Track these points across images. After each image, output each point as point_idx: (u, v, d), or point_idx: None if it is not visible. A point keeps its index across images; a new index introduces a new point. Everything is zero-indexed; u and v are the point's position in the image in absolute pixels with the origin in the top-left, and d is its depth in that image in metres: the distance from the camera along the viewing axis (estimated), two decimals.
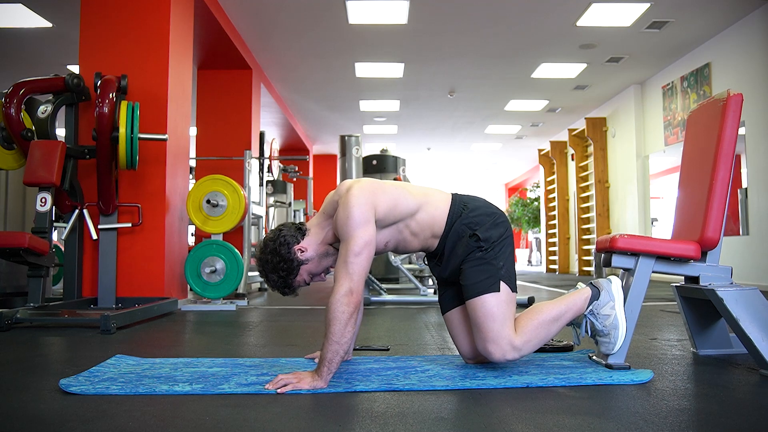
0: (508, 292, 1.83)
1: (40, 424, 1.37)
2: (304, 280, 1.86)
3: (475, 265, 1.84)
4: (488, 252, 1.84)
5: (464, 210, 1.90)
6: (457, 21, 6.20)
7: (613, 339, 1.87)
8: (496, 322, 1.78)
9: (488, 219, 1.88)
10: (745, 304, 1.88)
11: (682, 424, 1.32)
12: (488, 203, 1.97)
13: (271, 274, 1.82)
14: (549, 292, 5.89)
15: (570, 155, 11.11)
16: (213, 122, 7.02)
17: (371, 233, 1.74)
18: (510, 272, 1.86)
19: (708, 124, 2.07)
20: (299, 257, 1.82)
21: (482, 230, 1.85)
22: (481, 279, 1.82)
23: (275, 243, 1.82)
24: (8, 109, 3.76)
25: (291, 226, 1.88)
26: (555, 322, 1.85)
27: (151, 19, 4.26)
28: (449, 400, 1.55)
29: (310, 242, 1.86)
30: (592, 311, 1.89)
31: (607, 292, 1.89)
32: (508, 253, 1.88)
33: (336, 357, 1.63)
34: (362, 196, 1.77)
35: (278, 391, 1.59)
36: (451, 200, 1.93)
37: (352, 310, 1.64)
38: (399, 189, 1.90)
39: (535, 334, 1.82)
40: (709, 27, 6.43)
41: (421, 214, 1.88)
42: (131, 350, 2.32)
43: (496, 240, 1.85)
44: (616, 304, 1.88)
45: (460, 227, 1.87)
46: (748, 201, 6.12)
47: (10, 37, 6.54)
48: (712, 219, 1.95)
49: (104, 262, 3.90)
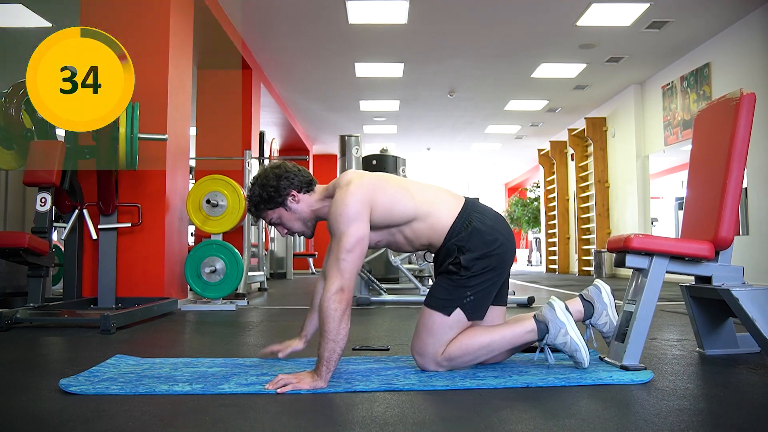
0: (458, 320, 1.81)
1: (40, 424, 1.37)
2: (271, 218, 1.87)
3: (445, 284, 1.84)
4: (462, 279, 1.81)
5: (465, 228, 1.84)
6: (457, 21, 6.20)
7: (579, 359, 1.85)
8: (430, 338, 1.82)
9: (482, 248, 1.82)
10: (760, 303, 1.88)
11: (682, 424, 1.32)
12: (495, 225, 1.88)
13: (257, 188, 1.84)
14: (549, 292, 5.89)
15: (570, 155, 11.11)
16: (213, 122, 7.01)
17: (364, 230, 1.72)
18: (476, 304, 1.83)
19: (719, 123, 2.06)
20: (287, 201, 1.84)
21: (467, 257, 1.81)
22: (442, 297, 1.83)
23: (284, 172, 1.84)
24: (8, 109, 3.76)
25: (307, 176, 1.89)
26: (483, 349, 1.83)
27: (150, 20, 4.26)
28: (449, 400, 1.55)
29: (306, 200, 1.87)
30: (547, 343, 1.86)
31: (553, 323, 1.85)
32: (486, 284, 1.83)
33: (333, 355, 1.63)
34: (359, 194, 1.75)
35: (278, 391, 1.59)
36: (459, 213, 1.87)
37: (344, 307, 1.63)
38: (401, 190, 1.86)
39: (461, 359, 1.82)
40: (709, 27, 6.44)
41: (419, 223, 1.85)
42: (131, 350, 2.32)
43: (478, 272, 1.81)
44: (568, 329, 1.84)
45: (452, 245, 1.84)
46: (748, 201, 6.13)
47: (10, 37, 6.54)
48: (725, 219, 1.94)
49: (104, 262, 3.90)
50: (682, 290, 2.24)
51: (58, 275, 5.14)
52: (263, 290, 6.19)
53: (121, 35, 3.66)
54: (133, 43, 3.91)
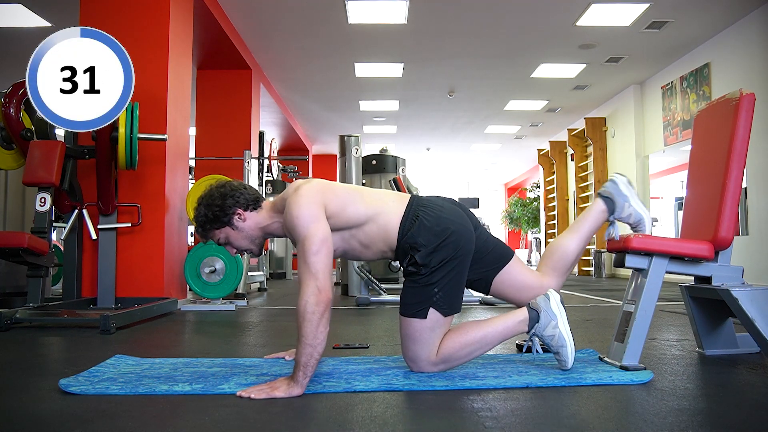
0: (435, 319, 1.79)
1: (40, 424, 1.37)
2: (219, 238, 1.85)
3: (410, 287, 1.82)
4: (424, 277, 1.79)
5: (413, 225, 1.82)
6: (457, 21, 6.20)
7: (563, 356, 1.83)
8: (416, 344, 1.80)
9: (434, 240, 1.79)
10: (759, 303, 1.88)
11: (682, 424, 1.32)
12: (442, 214, 1.85)
13: (203, 208, 1.83)
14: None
15: (569, 155, 11.11)
16: (213, 122, 7.02)
17: (325, 229, 1.70)
18: (447, 296, 1.80)
19: (719, 123, 2.06)
20: (234, 219, 1.82)
21: (422, 254, 1.78)
22: (412, 302, 1.80)
23: (229, 191, 1.83)
24: (8, 109, 3.76)
25: (253, 194, 1.87)
26: (477, 343, 1.82)
27: (150, 19, 4.27)
28: (449, 400, 1.55)
29: (253, 218, 1.85)
30: (535, 333, 1.85)
31: (546, 312, 1.84)
32: (450, 276, 1.81)
33: (311, 360, 1.58)
34: (310, 195, 1.73)
35: (252, 396, 1.55)
36: (405, 211, 1.85)
37: (322, 309, 1.58)
38: (351, 194, 1.84)
39: (456, 357, 1.82)
40: (708, 27, 6.44)
41: (371, 225, 1.83)
42: (131, 350, 2.32)
43: (436, 266, 1.79)
44: (558, 322, 1.83)
45: (404, 245, 1.82)
46: (748, 201, 6.13)
47: (10, 37, 6.54)
48: (725, 219, 1.94)
49: (104, 262, 3.90)
50: (682, 290, 2.24)
51: (57, 275, 5.14)
52: (263, 290, 6.19)
53: (121, 35, 3.66)
54: (133, 43, 3.92)
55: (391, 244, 1.86)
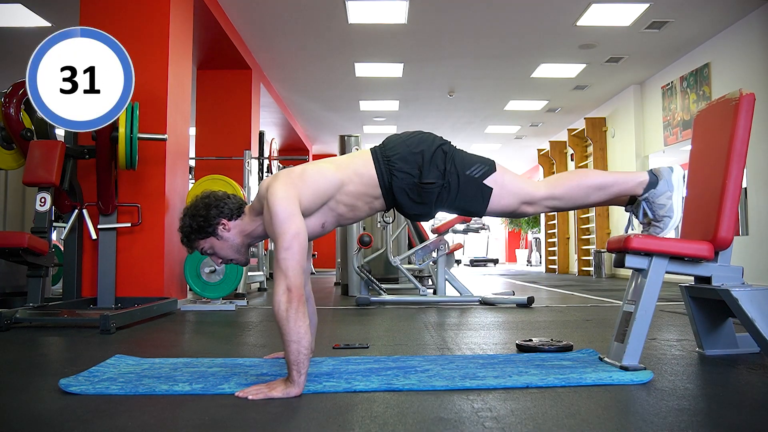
0: (496, 178, 1.83)
1: (40, 424, 1.37)
2: (204, 248, 1.85)
3: (464, 190, 1.82)
4: (452, 184, 1.80)
5: (390, 164, 1.81)
6: (457, 21, 6.20)
7: (663, 226, 1.89)
8: (513, 197, 1.84)
9: (418, 159, 1.80)
10: (759, 303, 1.88)
11: (682, 424, 1.33)
12: (405, 138, 1.87)
13: (187, 219, 1.83)
14: (548, 292, 5.89)
15: (569, 155, 11.11)
16: (213, 122, 7.02)
17: (298, 224, 1.70)
18: (480, 165, 1.83)
19: (719, 123, 2.06)
20: (218, 229, 1.82)
21: (425, 174, 1.79)
22: (473, 197, 1.82)
23: (213, 201, 1.83)
24: (8, 108, 3.76)
25: (237, 203, 1.87)
26: (596, 188, 1.87)
27: (150, 19, 4.26)
28: (449, 400, 1.55)
29: (237, 226, 1.85)
30: (648, 198, 1.89)
31: (666, 181, 1.88)
32: (461, 156, 1.84)
33: (300, 356, 1.58)
34: (282, 191, 1.73)
35: (250, 398, 1.56)
36: (372, 157, 1.85)
37: (295, 306, 1.60)
38: (319, 168, 1.84)
39: (571, 195, 1.86)
40: (708, 27, 6.44)
41: (349, 186, 1.82)
42: (131, 350, 2.32)
43: (446, 168, 1.80)
44: (674, 194, 1.87)
45: (400, 185, 1.81)
46: (748, 201, 6.13)
47: (9, 37, 6.54)
48: (725, 219, 1.94)
49: (104, 262, 3.90)
50: (682, 290, 2.24)
51: (57, 275, 5.14)
52: (263, 290, 6.19)
53: (121, 35, 3.66)
54: (133, 43, 3.92)
55: (375, 195, 1.85)
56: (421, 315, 3.70)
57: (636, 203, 1.94)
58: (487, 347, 2.44)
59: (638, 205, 1.94)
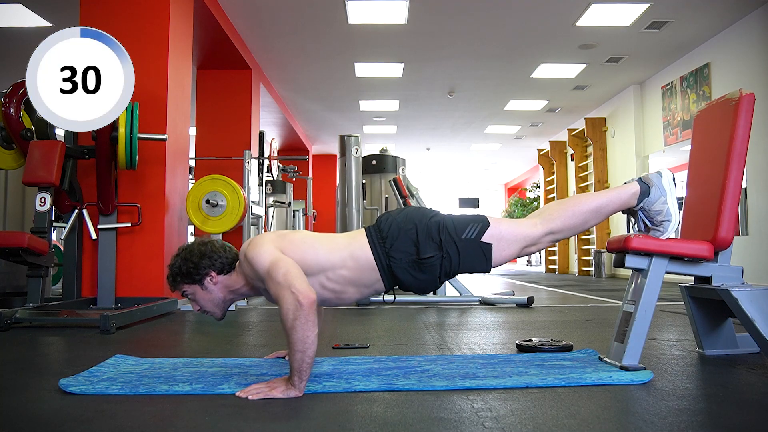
0: (493, 232, 1.81)
1: (40, 424, 1.37)
2: (186, 292, 1.83)
3: (465, 255, 1.79)
4: (451, 253, 1.77)
5: (385, 245, 1.78)
6: (457, 21, 6.20)
7: (663, 229, 1.90)
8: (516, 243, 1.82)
9: (412, 236, 1.77)
10: (759, 303, 1.88)
11: (682, 424, 1.32)
12: (395, 216, 1.83)
13: (179, 260, 1.81)
14: (548, 292, 5.89)
15: (569, 155, 11.11)
16: (212, 122, 7.02)
17: (287, 260, 1.67)
18: (473, 225, 1.80)
19: (719, 123, 2.06)
20: (205, 280, 1.80)
21: (422, 249, 1.76)
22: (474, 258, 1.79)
23: (208, 251, 1.81)
24: (8, 108, 3.76)
25: (231, 257, 1.84)
26: (592, 212, 1.87)
27: (150, 19, 4.27)
28: (449, 400, 1.55)
29: (224, 281, 1.82)
30: (644, 207, 1.91)
31: (657, 187, 1.90)
32: (453, 220, 1.81)
33: (303, 364, 1.57)
34: (265, 242, 1.72)
35: (250, 398, 1.55)
36: (368, 240, 1.80)
37: (304, 313, 1.56)
38: (312, 241, 1.79)
39: (569, 224, 1.85)
40: (708, 27, 6.44)
41: (341, 271, 1.77)
42: (131, 350, 2.32)
43: (442, 239, 1.77)
44: (668, 198, 1.89)
45: (400, 265, 1.77)
46: (748, 201, 6.13)
47: (9, 37, 6.55)
48: (725, 219, 1.94)
49: (103, 262, 3.90)
50: (682, 290, 2.24)
51: (57, 275, 5.14)
52: None
53: (121, 35, 3.66)
54: (133, 43, 3.92)
55: (373, 277, 1.79)
56: (421, 315, 3.70)
57: (633, 214, 1.96)
58: (487, 347, 2.44)
59: (636, 216, 1.95)
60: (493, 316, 3.61)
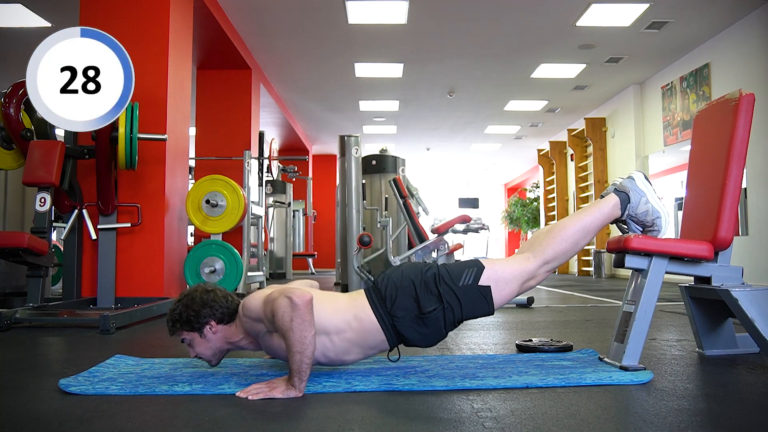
0: (489, 274, 1.80)
1: (40, 424, 1.37)
2: (184, 338, 1.81)
3: (466, 301, 1.78)
4: (452, 303, 1.76)
5: (386, 305, 1.76)
6: (457, 21, 6.20)
7: (657, 227, 1.92)
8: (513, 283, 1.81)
9: (410, 292, 1.76)
10: (759, 304, 1.88)
11: (681, 424, 1.33)
12: (390, 274, 1.84)
13: (181, 306, 1.79)
14: (548, 292, 5.89)
15: (569, 155, 11.11)
16: (212, 122, 7.02)
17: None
18: (468, 271, 1.80)
19: (719, 124, 2.06)
20: (205, 329, 1.78)
21: (423, 304, 1.75)
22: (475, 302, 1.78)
23: (210, 300, 1.79)
24: (7, 109, 3.76)
25: (233, 307, 1.82)
26: (580, 232, 1.87)
27: (150, 19, 4.27)
28: (449, 400, 1.55)
29: (224, 331, 1.81)
30: (630, 214, 1.92)
31: (634, 191, 1.91)
32: (450, 274, 1.80)
33: (302, 365, 1.58)
34: (256, 297, 1.72)
35: (250, 398, 1.56)
36: (369, 301, 1.78)
37: (301, 314, 1.57)
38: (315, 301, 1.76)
39: (560, 249, 1.85)
40: (708, 27, 6.44)
41: (347, 333, 1.74)
42: (131, 350, 2.32)
43: (441, 291, 1.76)
44: (648, 197, 1.91)
45: (404, 323, 1.75)
46: (747, 201, 6.13)
47: (9, 37, 6.55)
48: (725, 219, 1.94)
49: (103, 262, 3.90)
50: (682, 290, 2.24)
51: (57, 275, 5.14)
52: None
53: (121, 35, 3.67)
54: (133, 43, 3.92)
55: (377, 338, 1.76)
56: None
57: (623, 222, 1.97)
58: (487, 347, 2.44)
59: (626, 224, 1.96)
60: (493, 316, 3.61)
